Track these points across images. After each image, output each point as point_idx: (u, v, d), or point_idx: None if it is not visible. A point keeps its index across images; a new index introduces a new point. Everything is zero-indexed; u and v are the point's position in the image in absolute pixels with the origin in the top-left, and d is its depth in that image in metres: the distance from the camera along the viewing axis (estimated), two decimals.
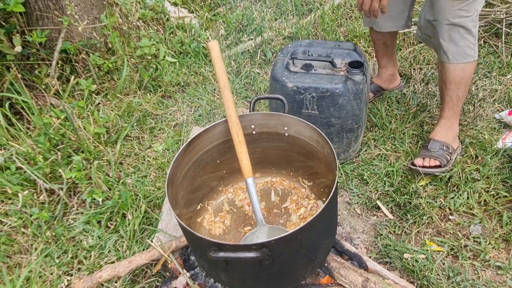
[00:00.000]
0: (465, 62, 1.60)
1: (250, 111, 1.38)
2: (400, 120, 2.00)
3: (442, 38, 1.59)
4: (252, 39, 2.69)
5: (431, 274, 1.37)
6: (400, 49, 2.49)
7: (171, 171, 1.18)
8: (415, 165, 1.69)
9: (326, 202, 1.01)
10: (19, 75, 2.04)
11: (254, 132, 1.42)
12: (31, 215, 1.65)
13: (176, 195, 1.25)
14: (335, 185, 1.06)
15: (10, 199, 1.72)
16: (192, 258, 1.51)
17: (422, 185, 1.68)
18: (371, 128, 2.01)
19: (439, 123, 1.79)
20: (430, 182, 1.69)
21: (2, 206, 1.67)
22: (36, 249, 1.58)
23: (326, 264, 1.35)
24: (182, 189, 1.30)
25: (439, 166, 1.67)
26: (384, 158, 1.84)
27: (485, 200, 1.59)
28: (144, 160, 1.95)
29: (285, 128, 1.37)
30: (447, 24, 1.54)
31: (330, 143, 1.18)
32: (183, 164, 1.28)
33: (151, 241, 1.47)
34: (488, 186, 1.63)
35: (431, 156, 1.69)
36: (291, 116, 1.32)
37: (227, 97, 1.29)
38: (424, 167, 1.68)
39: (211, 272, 1.18)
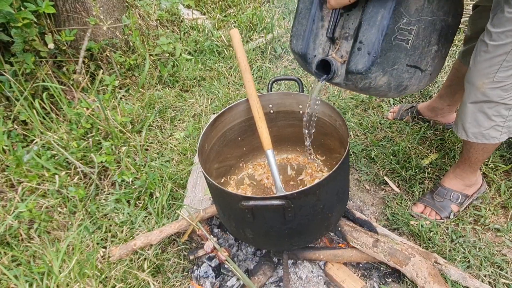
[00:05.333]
0: (488, 143, 1.38)
1: (268, 92, 1.53)
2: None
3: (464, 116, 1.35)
4: (262, 36, 2.86)
5: (436, 236, 1.50)
6: None
7: (201, 142, 1.33)
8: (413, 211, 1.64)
9: (341, 160, 1.16)
10: (50, 72, 2.21)
11: (271, 111, 1.57)
12: (67, 195, 1.80)
13: (205, 165, 1.39)
14: (347, 148, 1.21)
15: (47, 181, 1.88)
16: (216, 230, 1.66)
17: (427, 164, 1.81)
18: (379, 114, 2.15)
19: (454, 171, 1.62)
20: (435, 159, 1.83)
21: (41, 186, 1.83)
22: (72, 225, 1.73)
23: (339, 228, 1.49)
24: (209, 161, 1.45)
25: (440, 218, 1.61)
26: (391, 139, 1.98)
27: (484, 173, 1.73)
28: (167, 146, 2.10)
29: (300, 106, 1.52)
30: (471, 103, 1.30)
31: (341, 115, 1.33)
32: (210, 138, 1.43)
33: (180, 212, 1.61)
34: (487, 160, 1.76)
35: (433, 207, 1.61)
36: (305, 95, 1.47)
37: (247, 78, 1.44)
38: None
39: (237, 231, 1.32)
